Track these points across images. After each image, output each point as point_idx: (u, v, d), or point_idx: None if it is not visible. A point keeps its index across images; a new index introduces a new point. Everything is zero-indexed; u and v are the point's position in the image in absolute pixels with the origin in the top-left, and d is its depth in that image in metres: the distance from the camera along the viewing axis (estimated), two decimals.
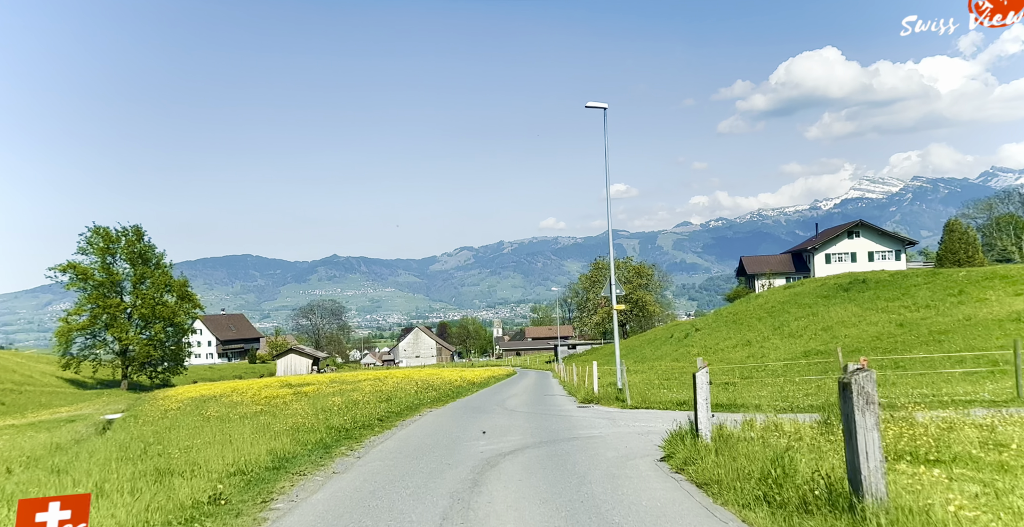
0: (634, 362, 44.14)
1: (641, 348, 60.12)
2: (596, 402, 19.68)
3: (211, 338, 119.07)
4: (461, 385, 29.36)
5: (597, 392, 21.33)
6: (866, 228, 72.35)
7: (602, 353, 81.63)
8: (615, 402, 18.64)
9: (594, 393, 21.26)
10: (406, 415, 17.46)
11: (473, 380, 33.90)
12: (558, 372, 50.17)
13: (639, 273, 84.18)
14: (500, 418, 15.94)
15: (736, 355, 30.04)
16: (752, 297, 43.25)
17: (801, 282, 42.27)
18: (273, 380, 42.94)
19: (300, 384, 34.62)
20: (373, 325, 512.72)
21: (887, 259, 69.94)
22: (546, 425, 13.98)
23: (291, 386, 33.94)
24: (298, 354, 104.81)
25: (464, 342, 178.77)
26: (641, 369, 35.82)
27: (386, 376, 39.13)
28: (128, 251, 67.25)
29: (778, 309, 36.61)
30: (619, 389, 19.94)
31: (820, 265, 73.10)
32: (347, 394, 22.60)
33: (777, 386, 19.22)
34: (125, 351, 67.20)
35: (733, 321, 38.98)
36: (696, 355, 34.75)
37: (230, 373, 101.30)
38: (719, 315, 43.16)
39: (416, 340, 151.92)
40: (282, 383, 36.57)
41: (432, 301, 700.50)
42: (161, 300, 68.24)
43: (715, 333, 38.59)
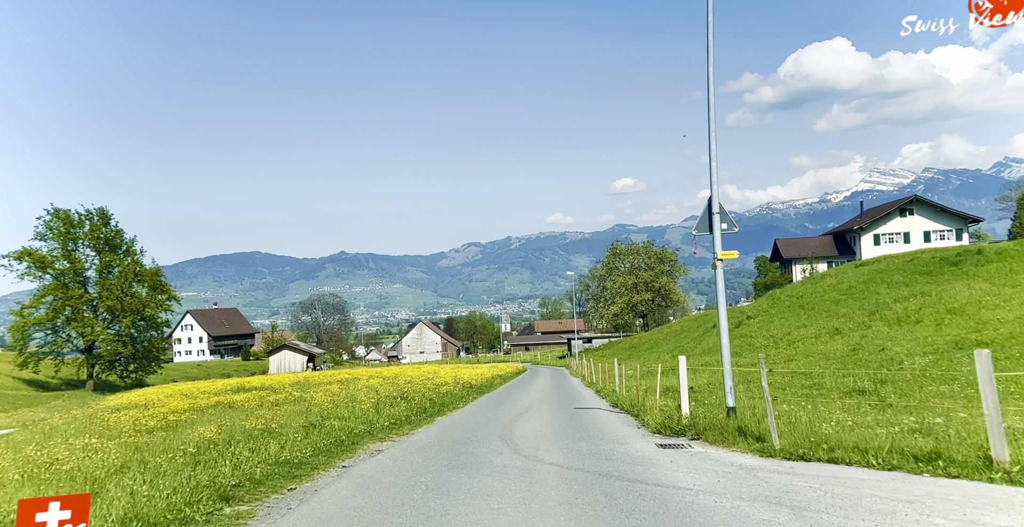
0: (672, 358, 36.50)
1: (670, 341, 52.39)
2: (690, 434, 10.83)
3: (202, 334, 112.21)
4: (452, 390, 21.81)
5: (687, 414, 11.97)
6: (922, 204, 64.24)
7: (621, 347, 73.79)
8: (738, 439, 9.65)
9: (682, 415, 11.90)
10: (295, 480, 8.38)
11: (471, 382, 26.37)
12: (579, 370, 42.54)
13: (661, 258, 76.14)
14: (501, 502, 6.88)
15: (829, 347, 22.42)
16: (816, 278, 35.47)
17: (877, 259, 34.57)
18: (232, 382, 35.63)
19: (256, 388, 27.30)
20: (381, 321, 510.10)
21: (946, 239, 61.83)
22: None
23: (243, 390, 26.65)
24: (292, 350, 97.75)
25: (471, 337, 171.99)
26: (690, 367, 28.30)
27: (366, 376, 31.79)
28: (92, 237, 60.05)
29: (859, 290, 29.02)
30: (730, 410, 11.09)
31: (868, 247, 65.17)
32: (279, 406, 15.32)
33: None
34: (91, 348, 60.15)
35: (799, 306, 31.35)
36: (762, 348, 27.14)
37: (219, 371, 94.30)
38: (774, 300, 35.46)
39: (420, 335, 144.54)
40: (237, 386, 29.26)
41: (440, 297, 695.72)
42: (130, 291, 61.04)
43: (778, 320, 30.96)
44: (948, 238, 62.11)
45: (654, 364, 30.95)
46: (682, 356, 13.30)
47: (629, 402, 15.94)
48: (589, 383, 28.13)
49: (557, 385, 28.89)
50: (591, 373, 31.61)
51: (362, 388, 21.50)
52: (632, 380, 20.08)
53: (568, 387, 26.83)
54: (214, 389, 28.90)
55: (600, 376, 27.14)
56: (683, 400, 12.39)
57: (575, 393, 23.20)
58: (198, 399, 22.25)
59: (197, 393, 27.24)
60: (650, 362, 39.36)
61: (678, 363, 12.98)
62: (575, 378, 35.86)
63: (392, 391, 19.13)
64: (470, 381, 25.51)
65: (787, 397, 14.29)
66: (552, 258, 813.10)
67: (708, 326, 42.92)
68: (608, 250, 78.27)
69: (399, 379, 27.46)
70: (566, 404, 18.87)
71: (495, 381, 30.37)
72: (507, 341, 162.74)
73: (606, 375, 25.36)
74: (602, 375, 26.45)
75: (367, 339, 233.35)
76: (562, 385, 28.75)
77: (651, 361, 40.27)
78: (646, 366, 25.45)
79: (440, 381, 25.00)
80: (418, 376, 31.32)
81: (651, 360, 40.68)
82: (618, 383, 19.29)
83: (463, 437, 12.02)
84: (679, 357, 13.23)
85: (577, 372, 41.69)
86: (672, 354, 38.45)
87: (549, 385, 29.10)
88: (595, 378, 28.02)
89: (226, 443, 9.48)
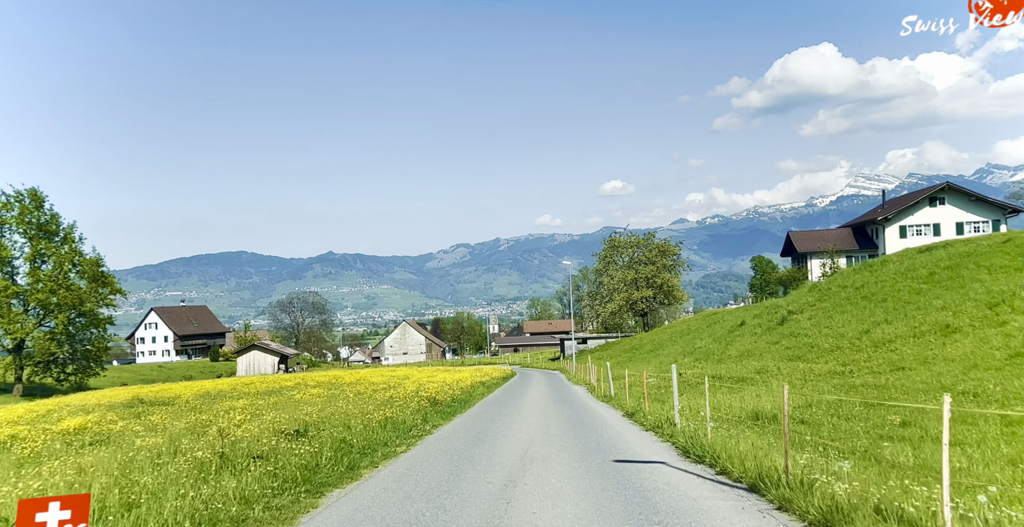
0: (695, 362, 29.80)
1: (679, 342, 45.74)
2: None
3: (168, 333, 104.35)
4: (403, 414, 14.07)
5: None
6: (954, 193, 58.06)
7: (620, 349, 66.96)
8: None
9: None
10: None
11: (436, 396, 18.25)
12: (580, 376, 35.83)
13: (663, 252, 69.42)
14: None
15: (954, 351, 15.79)
16: (874, 266, 28.88)
17: (947, 243, 28.17)
18: (127, 392, 28.61)
19: (155, 402, 20.39)
20: (369, 322, 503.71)
21: (981, 232, 55.74)
22: None
23: (140, 403, 19.77)
24: (263, 351, 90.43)
25: (458, 338, 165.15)
26: (725, 372, 21.54)
27: (314, 383, 25.09)
28: (22, 221, 52.65)
29: (946, 277, 22.58)
30: None
31: (893, 240, 59.03)
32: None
33: None
34: (20, 347, 52.75)
35: (862, 297, 24.84)
36: (835, 351, 20.53)
37: (180, 373, 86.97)
38: (822, 291, 28.84)
39: (404, 336, 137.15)
40: (133, 398, 22.24)
41: (428, 298, 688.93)
42: (67, 284, 53.65)
43: (838, 315, 24.39)
44: (983, 230, 56.01)
45: (689, 369, 24.40)
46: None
47: (672, 430, 8.90)
48: (604, 396, 21.29)
49: (560, 400, 22.01)
50: (601, 381, 24.83)
51: (274, 407, 14.68)
52: (688, 396, 13.20)
53: (577, 404, 19.87)
54: (107, 402, 21.94)
55: (619, 388, 20.39)
56: None
57: (592, 417, 16.02)
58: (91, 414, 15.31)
59: (95, 406, 20.40)
60: (664, 367, 32.71)
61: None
62: (578, 386, 29.14)
63: (303, 415, 12.19)
64: (436, 394, 18.07)
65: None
66: (541, 260, 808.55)
67: (730, 324, 36.26)
68: (605, 242, 71.32)
69: (348, 389, 20.62)
70: (592, 446, 11.34)
71: (475, 392, 23.41)
72: (495, 342, 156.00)
73: (627, 386, 18.55)
74: (620, 385, 19.70)
75: (352, 340, 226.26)
76: (567, 400, 21.91)
77: (664, 366, 33.66)
78: (660, 371, 18.74)
79: (402, 393, 18.09)
80: (380, 382, 24.53)
81: (664, 364, 34.07)
82: (676, 404, 11.97)
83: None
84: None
85: (578, 378, 34.95)
86: (693, 357, 31.76)
87: (549, 399, 22.33)
88: (610, 390, 21.20)
89: None
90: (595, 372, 27.08)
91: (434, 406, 16.64)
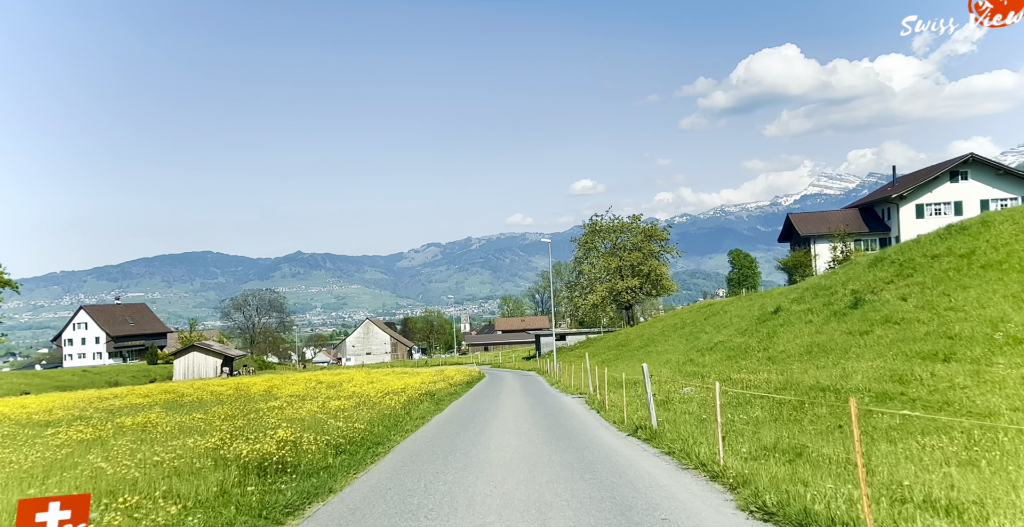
0: (720, 358, 22.09)
1: (671, 337, 38.23)
2: None
3: (99, 333, 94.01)
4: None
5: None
6: (979, 166, 51.64)
7: (604, 346, 59.35)
8: None
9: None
10: None
11: (305, 446, 8.47)
12: (562, 378, 28.03)
13: (650, 236, 61.87)
14: None
15: None
16: (971, 227, 21.29)
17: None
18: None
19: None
20: (339, 322, 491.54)
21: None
22: None
23: None
24: (203, 352, 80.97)
25: (427, 338, 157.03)
26: (823, 380, 13.86)
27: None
28: None
29: None
30: None
31: (908, 220, 52.57)
32: None
33: None
34: None
35: (980, 266, 17.29)
36: (983, 335, 12.94)
37: (105, 379, 77.06)
38: (902, 265, 21.08)
39: (367, 335, 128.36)
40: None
41: (399, 298, 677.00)
42: None
43: (958, 292, 16.62)
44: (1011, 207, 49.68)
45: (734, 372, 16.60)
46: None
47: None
48: (596, 404, 13.36)
49: (557, 432, 13.08)
50: (597, 390, 16.92)
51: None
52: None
53: (576, 429, 11.78)
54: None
55: (623, 399, 12.51)
56: None
57: (606, 466, 8.18)
58: None
59: None
60: (659, 364, 25.05)
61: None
62: (568, 396, 21.18)
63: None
64: (314, 439, 8.99)
65: None
66: (512, 259, 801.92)
67: (756, 313, 28.64)
68: (586, 226, 63.35)
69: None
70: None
71: (410, 411, 15.03)
72: (465, 341, 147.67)
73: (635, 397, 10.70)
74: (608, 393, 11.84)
75: (318, 340, 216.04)
76: (559, 422, 13.75)
77: (672, 364, 26.02)
78: (673, 371, 10.90)
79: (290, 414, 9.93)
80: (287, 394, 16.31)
81: (670, 363, 26.43)
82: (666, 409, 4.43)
83: None
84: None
85: (565, 383, 27.02)
86: (716, 354, 23.97)
87: (526, 419, 14.41)
88: (590, 388, 13.26)
89: None
90: (590, 378, 19.19)
91: (278, 476, 7.73)
